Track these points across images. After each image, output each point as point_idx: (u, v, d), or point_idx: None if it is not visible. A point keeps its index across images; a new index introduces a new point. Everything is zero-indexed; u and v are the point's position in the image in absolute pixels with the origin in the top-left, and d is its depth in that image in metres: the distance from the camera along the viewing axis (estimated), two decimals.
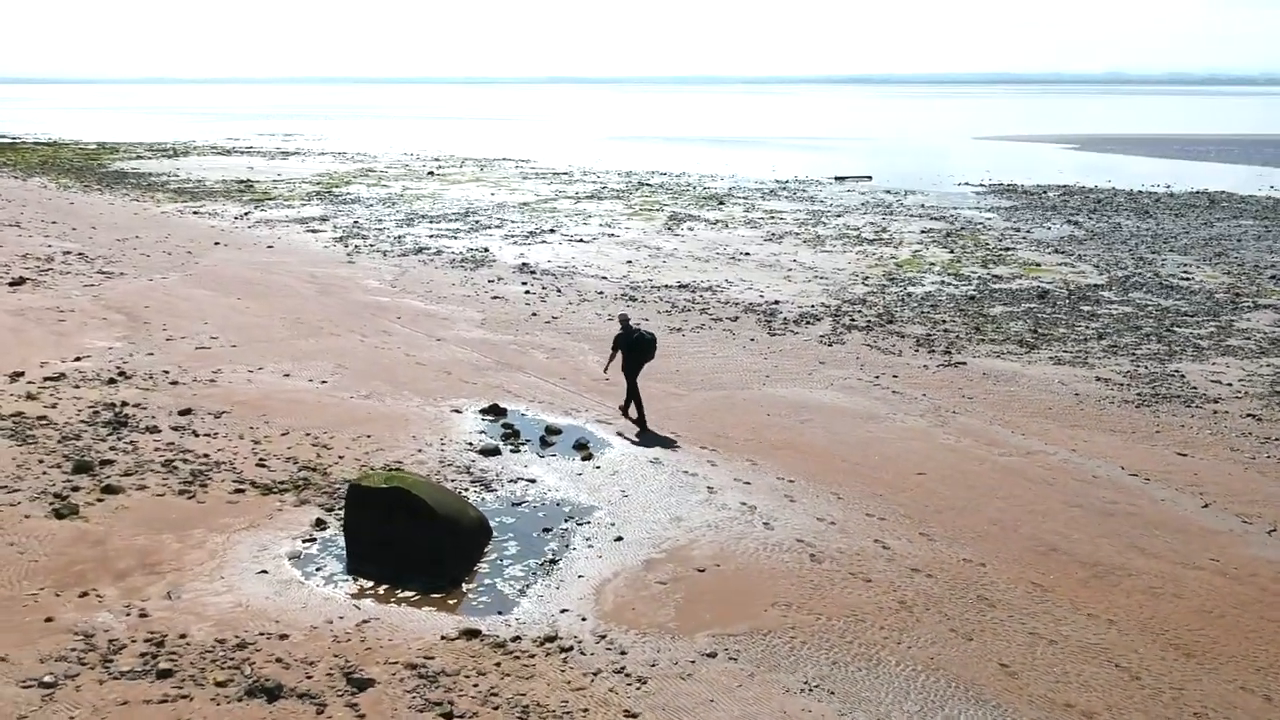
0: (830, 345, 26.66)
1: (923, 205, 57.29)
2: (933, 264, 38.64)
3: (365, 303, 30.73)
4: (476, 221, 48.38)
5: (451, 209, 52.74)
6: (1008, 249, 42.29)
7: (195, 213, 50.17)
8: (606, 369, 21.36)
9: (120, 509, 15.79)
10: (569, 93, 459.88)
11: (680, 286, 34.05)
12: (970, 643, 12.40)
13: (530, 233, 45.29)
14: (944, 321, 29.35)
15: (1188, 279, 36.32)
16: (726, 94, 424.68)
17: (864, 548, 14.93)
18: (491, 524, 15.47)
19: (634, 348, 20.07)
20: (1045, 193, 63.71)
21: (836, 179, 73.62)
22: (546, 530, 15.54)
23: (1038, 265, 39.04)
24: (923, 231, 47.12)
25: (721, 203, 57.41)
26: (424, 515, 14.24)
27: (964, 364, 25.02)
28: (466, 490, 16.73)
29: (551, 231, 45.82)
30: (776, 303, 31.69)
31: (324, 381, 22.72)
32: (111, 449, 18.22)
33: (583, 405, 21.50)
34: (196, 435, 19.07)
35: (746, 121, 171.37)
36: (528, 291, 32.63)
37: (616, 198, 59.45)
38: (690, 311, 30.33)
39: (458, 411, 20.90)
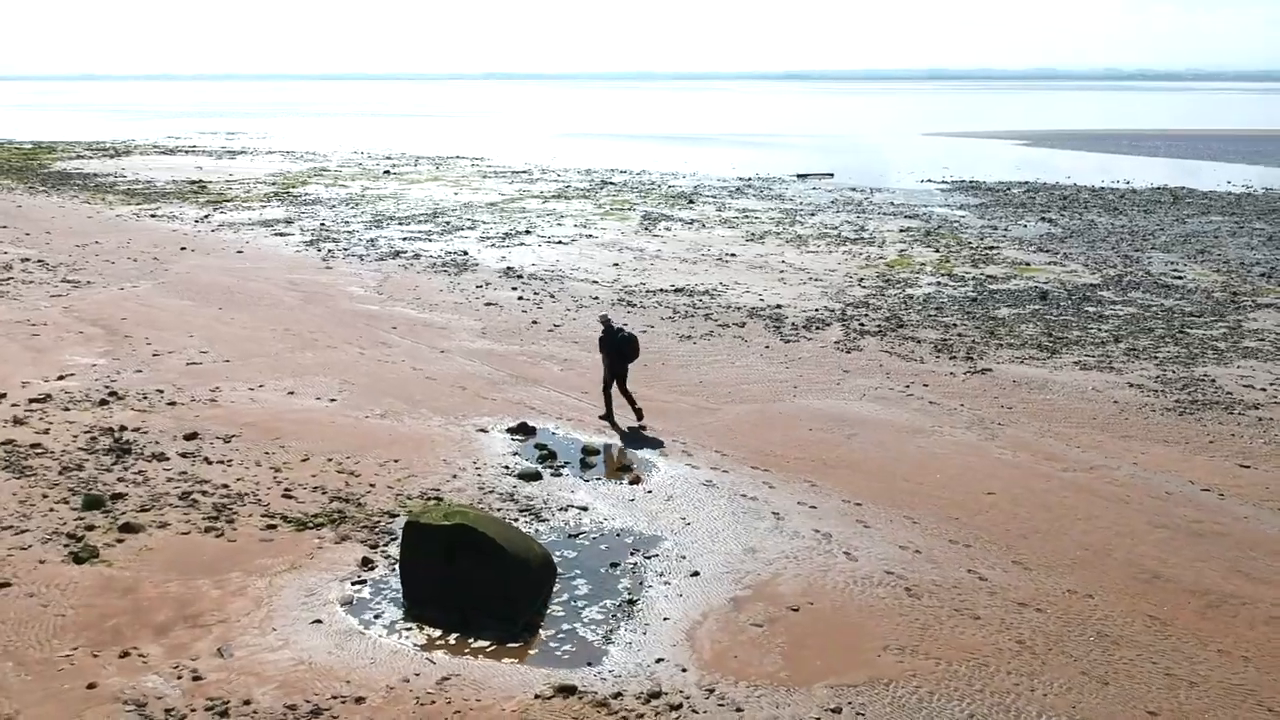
0: (848, 352, 25.76)
1: (892, 203, 56.74)
2: (923, 264, 37.94)
3: (354, 311, 29.31)
4: (447, 223, 46.95)
5: (418, 210, 51.22)
6: (992, 248, 41.74)
7: (153, 216, 48.16)
8: (605, 376, 20.58)
9: (144, 550, 14.39)
10: (507, 89, 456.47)
11: (675, 290, 33.00)
12: (1108, 687, 11.48)
13: (505, 234, 43.98)
14: (954, 325, 28.59)
15: (1180, 278, 35.96)
16: (662, 90, 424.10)
17: (959, 579, 13.97)
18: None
19: (619, 349, 19.75)
20: (1009, 189, 63.48)
21: (799, 176, 72.96)
22: (614, 565, 14.41)
23: (1027, 265, 38.50)
24: (901, 230, 46.49)
25: (691, 201, 56.44)
26: (492, 554, 13.05)
27: (990, 370, 24.24)
28: (516, 520, 15.55)
29: (527, 233, 44.54)
30: (779, 307, 30.76)
31: (333, 399, 21.36)
32: (120, 480, 16.77)
33: (617, 421, 20.34)
34: (210, 462, 17.66)
35: (693, 118, 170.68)
36: (521, 298, 31.39)
37: (583, 197, 58.25)
38: (694, 317, 29.29)
39: (483, 431, 19.67)
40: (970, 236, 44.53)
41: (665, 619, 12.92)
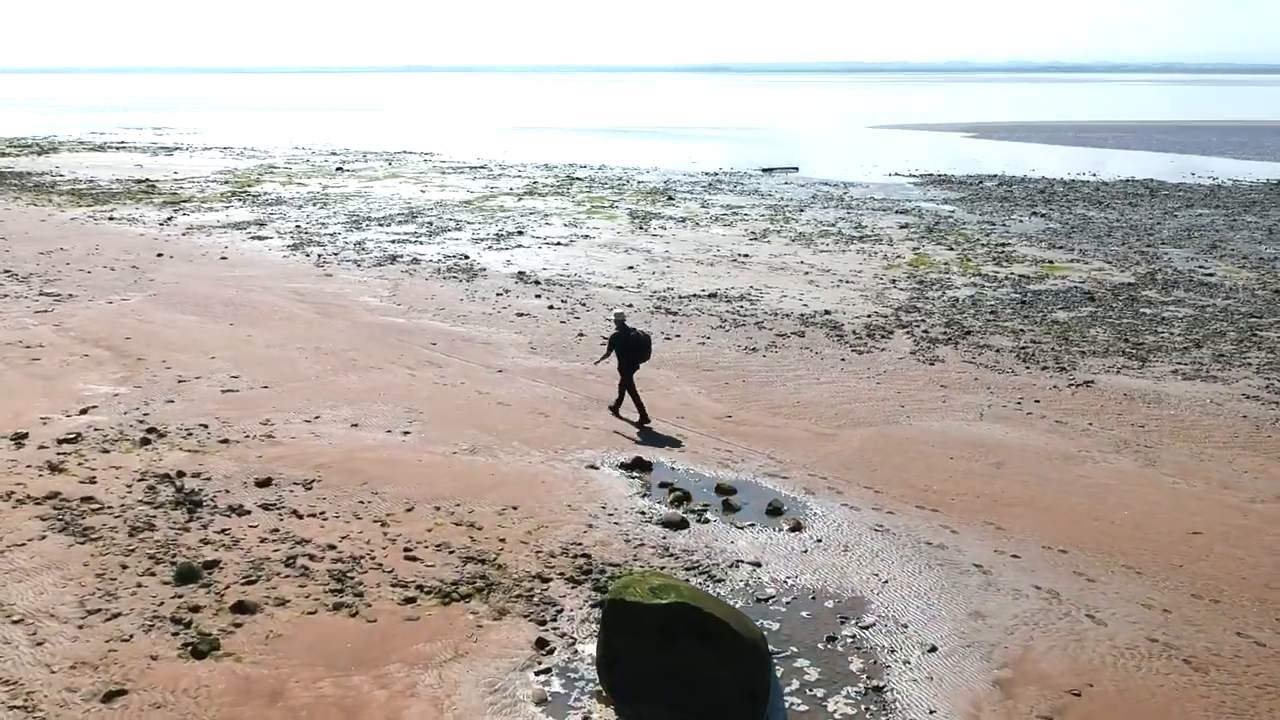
0: (931, 364, 23.94)
1: (873, 198, 55.26)
2: (945, 264, 36.38)
3: (380, 325, 26.74)
4: (429, 224, 44.28)
5: (393, 210, 48.41)
6: (1003, 245, 40.36)
7: (111, 218, 44.69)
8: (599, 362, 20.55)
9: (273, 638, 11.93)
10: (429, 82, 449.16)
11: (709, 296, 30.94)
12: None
13: (497, 235, 41.51)
14: (1022, 331, 26.98)
15: (1210, 275, 34.91)
16: (585, 82, 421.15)
17: (1235, 645, 12.16)
18: None
19: (631, 348, 19.28)
20: (982, 183, 62.45)
21: (765, 170, 71.27)
22: (830, 639, 12.31)
23: (1051, 263, 37.18)
24: (901, 227, 44.98)
25: (671, 198, 54.37)
26: (722, 639, 10.86)
27: (1092, 383, 22.59)
28: (687, 582, 13.30)
29: (519, 233, 42.11)
30: (828, 313, 28.87)
31: (406, 432, 18.91)
32: (204, 543, 14.22)
33: (731, 451, 18.25)
34: (299, 516, 15.16)
35: (629, 111, 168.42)
36: (550, 307, 29.06)
37: (557, 194, 55.87)
38: (745, 326, 27.27)
39: (593, 468, 17.42)
40: (974, 232, 43.13)
41: (932, 712, 10.83)
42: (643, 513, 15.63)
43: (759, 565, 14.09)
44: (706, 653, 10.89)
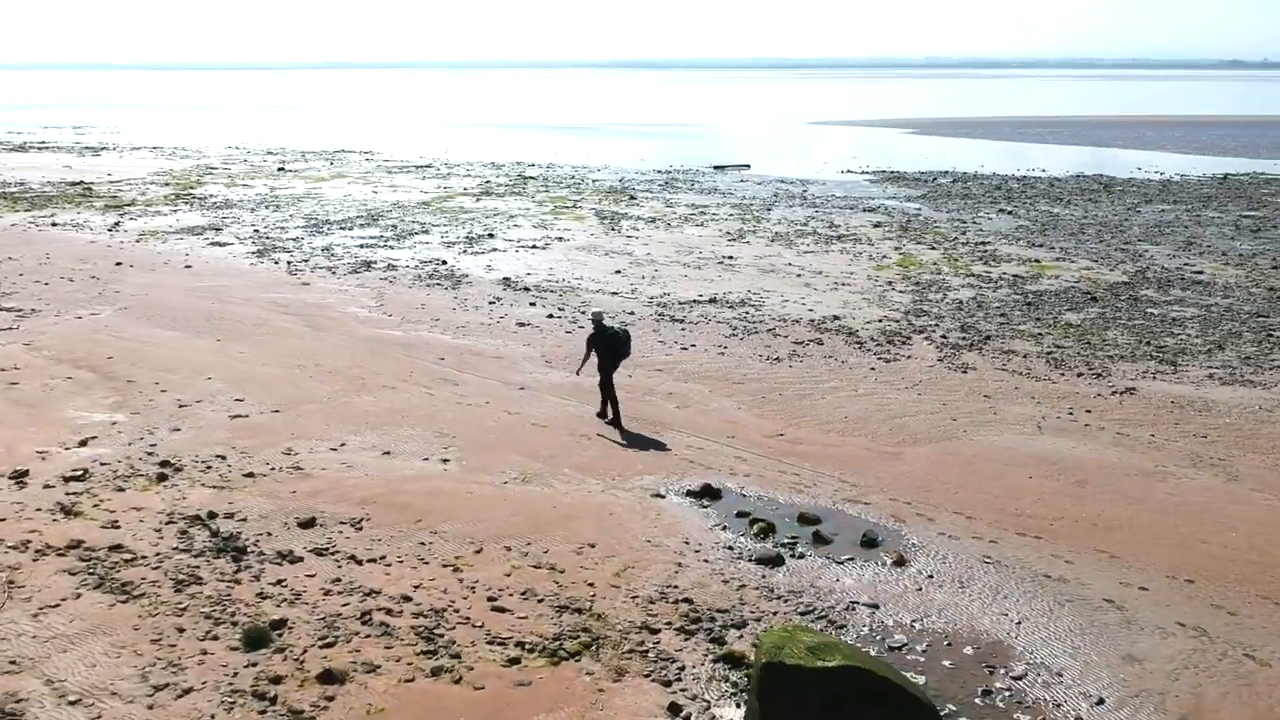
0: (964, 372, 23.12)
1: (834, 196, 54.68)
2: (934, 264, 35.77)
3: (377, 338, 25.21)
4: (393, 226, 42.57)
5: (350, 212, 46.56)
6: (982, 244, 39.92)
7: (54, 224, 42.26)
8: (580, 370, 19.82)
9: (374, 712, 10.61)
10: (349, 78, 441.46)
11: (710, 301, 29.85)
12: None
13: (468, 239, 40.02)
14: (1039, 334, 26.38)
15: (1200, 273, 34.69)
16: (517, 78, 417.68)
17: None
18: None
19: (609, 346, 18.83)
20: (936, 180, 62.24)
21: (716, 168, 70.39)
22: (986, 693, 11.23)
23: (1037, 261, 36.80)
24: (874, 225, 44.38)
25: (633, 198, 53.22)
26: (901, 705, 9.71)
27: (1134, 390, 21.95)
28: (839, 639, 12.14)
29: (490, 236, 40.65)
30: (836, 318, 27.97)
31: (445, 460, 17.52)
32: (261, 596, 12.74)
33: (799, 475, 17.17)
34: (359, 562, 13.73)
35: (571, 108, 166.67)
36: (550, 316, 27.77)
37: (513, 193, 54.40)
38: (758, 333, 26.25)
39: (659, 496, 16.21)
40: (949, 231, 42.70)
41: None
42: (730, 548, 14.45)
43: (876, 607, 12.99)
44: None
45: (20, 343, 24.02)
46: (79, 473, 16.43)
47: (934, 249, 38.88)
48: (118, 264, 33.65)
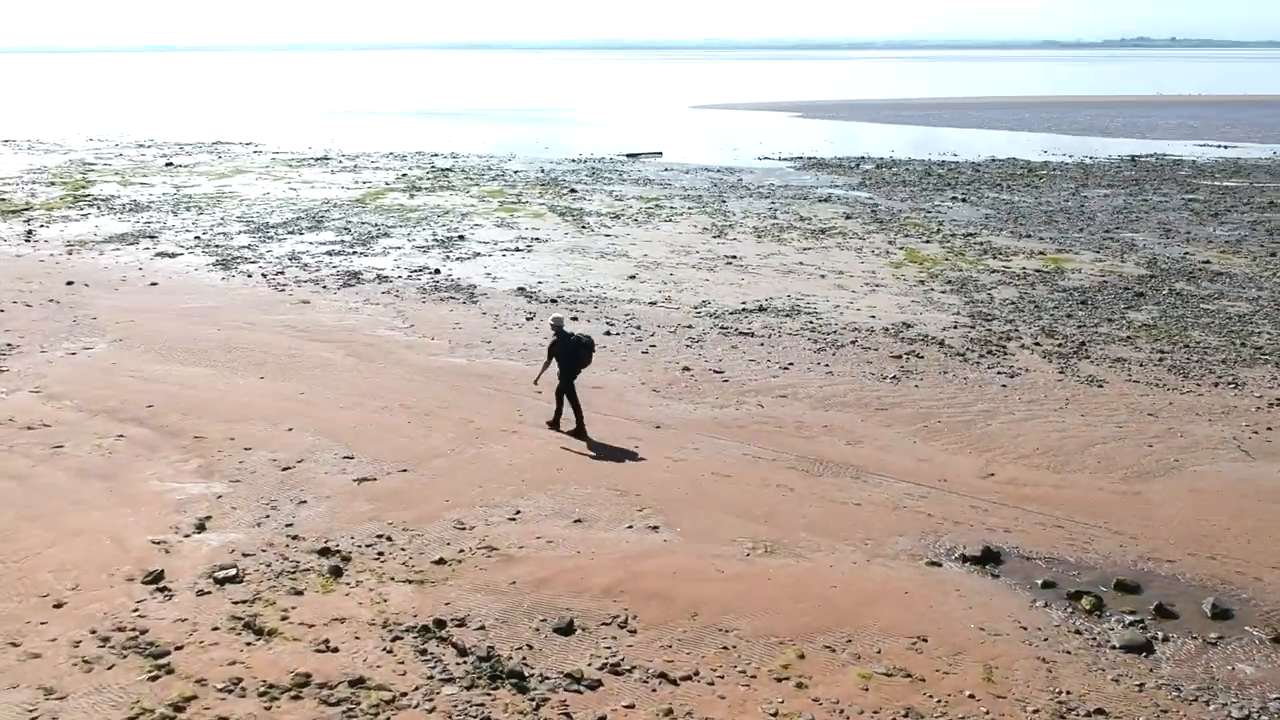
0: (1098, 386, 21.66)
1: (773, 185, 53.22)
2: (946, 259, 34.72)
3: (444, 369, 22.17)
4: (345, 229, 38.95)
5: (286, 214, 42.53)
6: (970, 235, 39.14)
7: None
8: (538, 380, 18.62)
9: None
10: (172, 62, 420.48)
11: (759, 310, 27.77)
12: None
13: (439, 242, 36.93)
14: (1128, 338, 25.26)
15: (1208, 263, 34.39)
16: (344, 60, 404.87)
17: None
18: None
19: (572, 354, 17.98)
20: (859, 166, 61.74)
21: (630, 156, 68.21)
22: None
23: (1042, 254, 36.17)
24: (846, 218, 43.09)
25: (573, 190, 50.63)
26: None
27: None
28: None
29: (461, 239, 37.58)
30: (907, 325, 26.26)
31: (653, 527, 14.99)
32: None
33: (1062, 528, 15.17)
34: (674, 682, 11.15)
35: (431, 92, 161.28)
36: (608, 333, 25.10)
37: (442, 188, 51.08)
38: (843, 346, 24.38)
39: (935, 564, 13.94)
40: (922, 221, 41.93)
41: None
42: (1078, 632, 12.29)
43: None
44: None
45: (26, 390, 20.06)
46: (231, 572, 13.11)
47: (928, 242, 37.65)
48: (69, 283, 29.30)
